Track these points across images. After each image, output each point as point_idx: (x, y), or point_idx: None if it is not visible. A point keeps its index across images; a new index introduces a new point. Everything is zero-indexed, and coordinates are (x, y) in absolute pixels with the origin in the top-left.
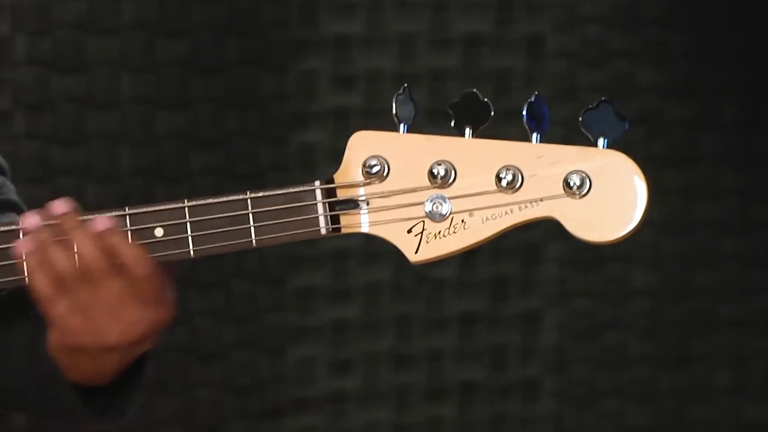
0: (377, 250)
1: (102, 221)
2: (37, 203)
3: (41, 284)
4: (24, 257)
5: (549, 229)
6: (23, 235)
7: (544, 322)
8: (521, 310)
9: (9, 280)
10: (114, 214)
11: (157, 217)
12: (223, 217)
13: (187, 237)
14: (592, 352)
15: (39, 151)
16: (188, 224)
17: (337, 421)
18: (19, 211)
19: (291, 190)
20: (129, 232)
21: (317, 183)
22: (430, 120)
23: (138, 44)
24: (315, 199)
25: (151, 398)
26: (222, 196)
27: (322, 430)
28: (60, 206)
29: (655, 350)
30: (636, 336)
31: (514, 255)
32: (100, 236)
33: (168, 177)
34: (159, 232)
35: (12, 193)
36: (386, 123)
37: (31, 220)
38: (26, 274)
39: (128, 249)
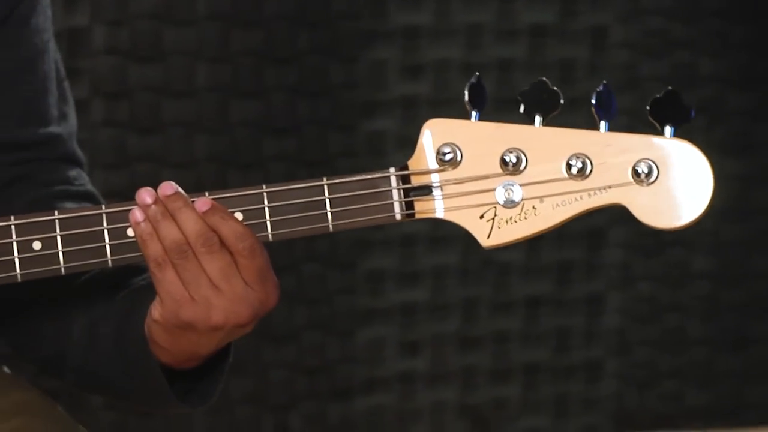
0: (444, 235)
1: (204, 202)
2: (115, 189)
3: (153, 250)
4: (139, 225)
5: (612, 215)
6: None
7: (607, 305)
8: (585, 294)
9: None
10: (194, 198)
11: (236, 202)
12: (300, 202)
13: (266, 221)
14: (653, 334)
15: (116, 139)
16: (266, 209)
17: (405, 400)
18: (96, 202)
19: (367, 176)
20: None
21: (392, 170)
22: (496, 108)
23: (213, 35)
24: (390, 186)
25: (226, 379)
26: (299, 182)
27: (391, 410)
28: (168, 188)
29: (714, 333)
30: (696, 319)
31: (578, 240)
32: (203, 214)
33: (242, 163)
34: (239, 216)
35: (89, 185)
36: (453, 111)
37: (144, 195)
38: (140, 241)
39: (229, 224)
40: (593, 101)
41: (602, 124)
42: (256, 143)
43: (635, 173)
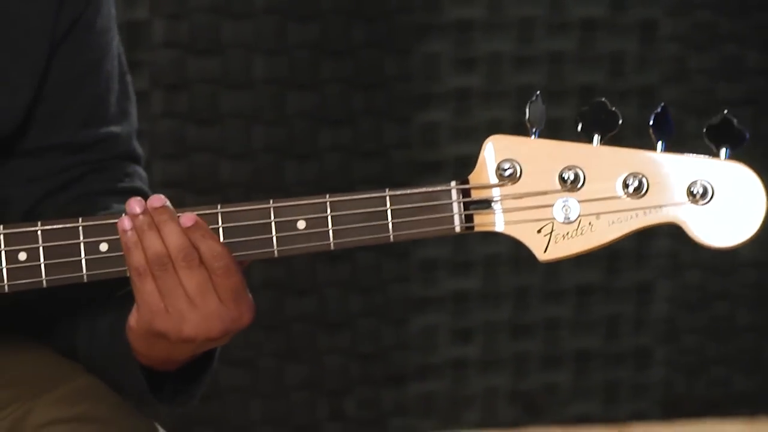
0: None
1: (189, 217)
2: (174, 179)
3: (136, 260)
4: (125, 233)
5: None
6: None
7: (656, 293)
8: (634, 282)
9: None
10: (260, 206)
11: (300, 210)
12: (362, 212)
13: (328, 230)
14: (702, 322)
15: (176, 130)
16: (329, 218)
17: (458, 386)
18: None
19: (428, 189)
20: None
21: (453, 183)
22: (545, 100)
23: (270, 28)
24: (450, 199)
25: (281, 364)
26: (362, 193)
27: (443, 396)
28: (156, 200)
29: (761, 320)
30: (743, 307)
31: None
32: (186, 230)
33: (298, 154)
34: (301, 224)
35: (140, 181)
36: (504, 104)
37: (133, 204)
38: (125, 249)
39: (208, 243)
40: (651, 122)
41: (659, 144)
42: (312, 134)
43: (690, 193)
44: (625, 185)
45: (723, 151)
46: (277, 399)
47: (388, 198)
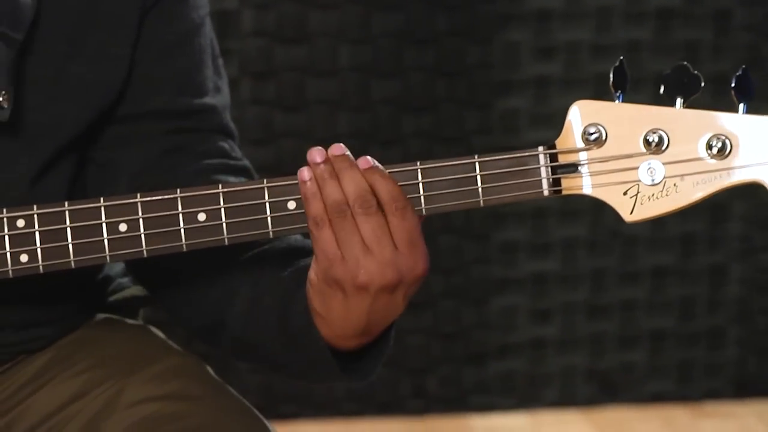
0: (574, 208)
1: (366, 160)
2: (262, 164)
3: (315, 209)
4: (305, 183)
5: (734, 189)
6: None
7: (729, 275)
8: (708, 265)
9: (257, 233)
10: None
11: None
12: (452, 178)
13: (420, 196)
14: None
15: (263, 116)
16: (420, 185)
17: (536, 365)
18: (250, 176)
19: (516, 154)
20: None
21: (540, 148)
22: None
23: (355, 17)
24: (538, 163)
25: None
26: (452, 159)
27: (522, 374)
28: (337, 148)
29: None
30: None
31: (701, 213)
32: (364, 171)
33: (382, 140)
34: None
35: (244, 159)
36: (583, 91)
37: (314, 153)
38: (304, 198)
39: (386, 184)
40: (732, 84)
41: (741, 106)
42: (395, 121)
43: None
44: (709, 147)
45: None
46: None
47: (477, 164)
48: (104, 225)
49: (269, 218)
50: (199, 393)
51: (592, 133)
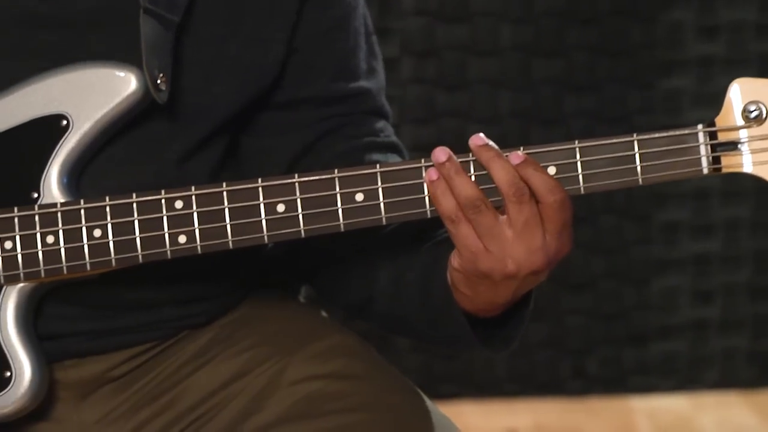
0: (737, 189)
1: (517, 155)
2: (423, 143)
3: (446, 208)
4: (433, 183)
5: None
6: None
7: None
8: None
9: (415, 213)
10: (507, 152)
11: (550, 156)
12: (610, 157)
13: (578, 175)
14: None
15: (425, 95)
16: (578, 163)
17: (697, 347)
18: (400, 153)
19: (676, 132)
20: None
21: (700, 126)
22: None
23: None
24: (698, 141)
25: (526, 325)
26: (610, 138)
27: (683, 356)
28: (477, 139)
29: None
30: None
31: None
32: (517, 166)
33: (543, 119)
34: (552, 170)
35: (393, 136)
36: (746, 71)
37: (438, 153)
38: (433, 198)
39: (542, 177)
40: None
41: None
42: (557, 100)
43: None
44: None
45: None
46: (520, 357)
47: (636, 142)
48: (262, 205)
49: (426, 198)
50: (362, 372)
51: (752, 111)
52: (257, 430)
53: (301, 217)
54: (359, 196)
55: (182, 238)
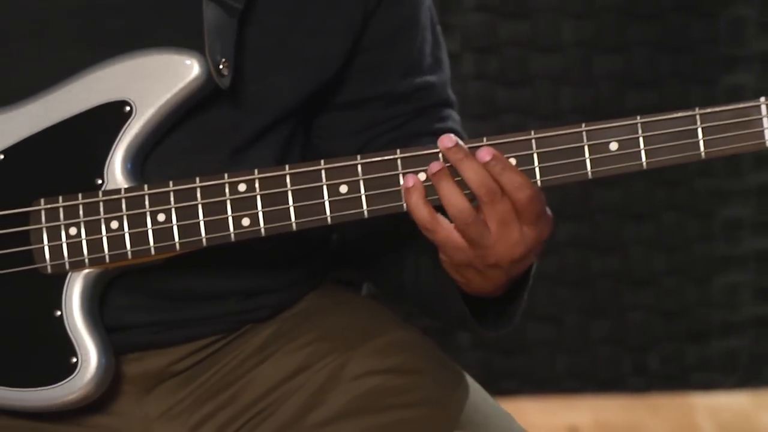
0: None
1: (486, 151)
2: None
3: (420, 214)
4: (406, 191)
5: None
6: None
7: None
8: None
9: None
10: (572, 131)
11: (611, 132)
12: (673, 131)
13: (640, 150)
14: None
15: (485, 91)
16: (641, 139)
17: (759, 344)
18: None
19: (738, 105)
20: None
21: (762, 99)
22: None
23: None
24: (760, 114)
25: (587, 320)
26: (672, 113)
27: (745, 353)
28: (447, 140)
29: None
30: None
31: None
32: (485, 164)
33: (604, 116)
34: (614, 146)
35: (452, 123)
36: None
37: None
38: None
39: (509, 175)
40: None
41: None
42: (618, 96)
43: None
44: None
45: None
46: (581, 354)
47: (698, 116)
48: (325, 187)
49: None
50: (423, 367)
51: None
52: (318, 424)
53: (363, 197)
54: (422, 176)
55: (246, 221)
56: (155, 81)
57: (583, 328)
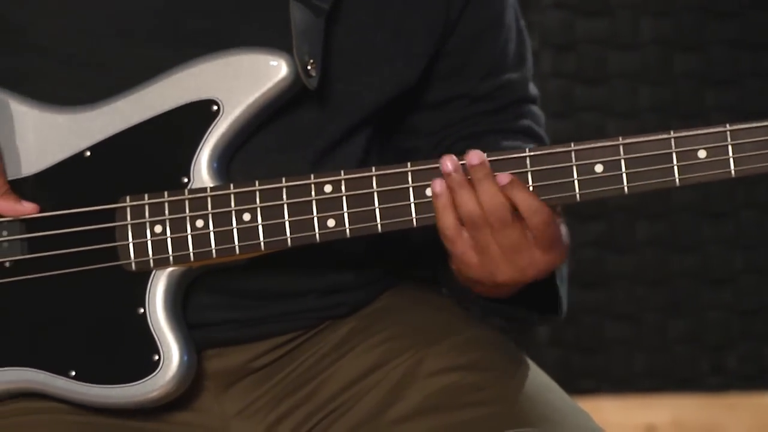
0: None
1: (505, 176)
2: (561, 137)
3: (446, 221)
4: (436, 196)
5: None
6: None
7: None
8: None
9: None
10: (660, 137)
11: (700, 140)
12: (765, 140)
13: (728, 159)
14: None
15: (563, 89)
16: (729, 147)
17: None
18: (532, 136)
19: None
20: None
21: None
22: None
23: None
24: None
25: (665, 319)
26: (764, 121)
27: None
28: (474, 157)
29: None
30: None
31: None
32: (503, 188)
33: (683, 114)
34: (702, 153)
35: (529, 120)
36: None
37: (447, 163)
38: (435, 211)
39: (527, 200)
40: None
41: None
42: (698, 95)
43: None
44: None
45: None
46: (659, 352)
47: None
48: (411, 189)
49: (576, 181)
50: (499, 365)
51: None
52: (394, 421)
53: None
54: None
55: (331, 222)
56: (243, 81)
57: (661, 327)
